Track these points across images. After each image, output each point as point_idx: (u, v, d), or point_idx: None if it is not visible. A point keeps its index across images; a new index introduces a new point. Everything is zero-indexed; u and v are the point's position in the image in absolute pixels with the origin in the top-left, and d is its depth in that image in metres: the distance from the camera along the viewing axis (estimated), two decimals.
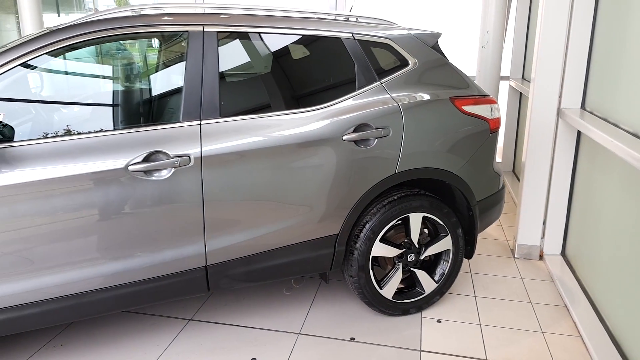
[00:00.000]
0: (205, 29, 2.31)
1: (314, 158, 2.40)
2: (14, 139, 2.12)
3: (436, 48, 2.78)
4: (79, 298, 2.19)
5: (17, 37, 10.31)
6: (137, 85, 3.16)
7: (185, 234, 2.27)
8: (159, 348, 2.57)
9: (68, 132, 2.22)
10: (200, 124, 2.23)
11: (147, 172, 2.14)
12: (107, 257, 2.18)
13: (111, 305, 2.30)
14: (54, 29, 2.21)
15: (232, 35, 2.46)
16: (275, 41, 2.55)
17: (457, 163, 2.67)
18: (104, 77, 3.32)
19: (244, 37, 2.50)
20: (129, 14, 2.34)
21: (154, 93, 2.91)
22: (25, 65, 2.13)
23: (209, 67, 2.28)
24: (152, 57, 3.42)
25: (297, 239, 2.47)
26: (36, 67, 2.28)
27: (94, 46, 2.60)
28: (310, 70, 2.66)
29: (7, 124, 2.20)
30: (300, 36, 2.54)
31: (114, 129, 2.42)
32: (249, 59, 2.68)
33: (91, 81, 3.28)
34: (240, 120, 2.31)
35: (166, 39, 2.99)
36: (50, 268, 2.11)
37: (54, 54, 2.18)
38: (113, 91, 3.11)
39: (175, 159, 2.16)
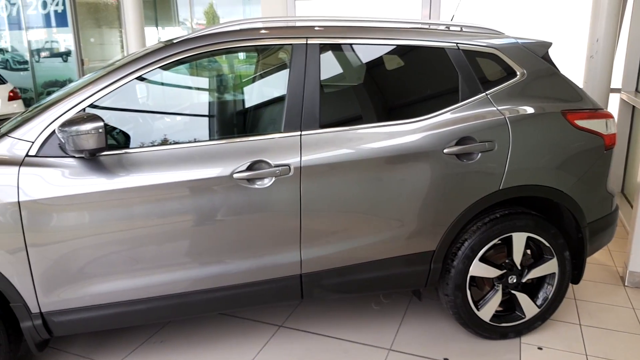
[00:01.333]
0: (308, 42, 2.33)
1: (413, 171, 2.34)
2: (129, 146, 2.28)
3: (546, 58, 2.62)
4: (182, 298, 2.28)
5: (120, 50, 11.13)
6: (240, 97, 3.27)
7: (283, 241, 2.30)
8: (252, 351, 2.62)
9: (177, 141, 2.33)
10: (301, 135, 2.26)
11: (250, 180, 2.19)
12: (208, 260, 2.26)
13: (210, 306, 2.38)
14: (168, 43, 2.34)
15: (333, 47, 2.47)
16: (376, 52, 2.53)
17: (568, 181, 2.50)
18: (207, 89, 3.47)
19: (345, 48, 2.50)
20: (236, 28, 2.43)
21: (255, 104, 3.00)
22: (140, 78, 2.26)
23: (311, 79, 2.31)
24: (251, 70, 3.53)
25: (392, 253, 2.42)
26: (148, 79, 2.41)
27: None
28: (410, 81, 2.61)
29: (122, 131, 2.36)
30: (400, 46, 2.50)
31: (220, 138, 2.53)
32: (347, 70, 2.68)
33: (195, 92, 3.45)
34: (339, 132, 2.31)
35: (264, 51, 3.08)
36: (158, 268, 2.22)
37: (166, 67, 2.30)
38: (216, 102, 3.24)
39: (276, 168, 2.20)
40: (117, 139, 2.32)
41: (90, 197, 2.08)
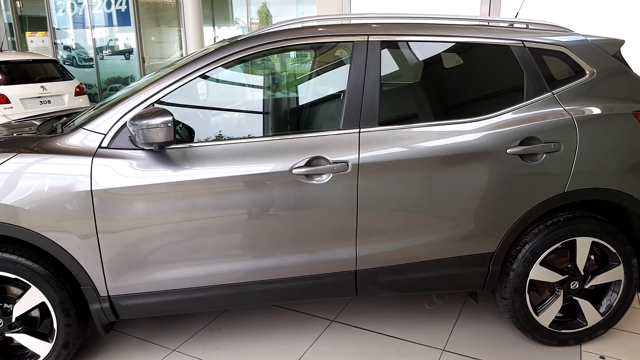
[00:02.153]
0: (369, 39, 2.34)
1: (473, 171, 2.30)
2: (193, 140, 2.36)
3: (618, 57, 2.51)
4: (239, 288, 2.35)
5: (178, 48, 11.45)
6: (298, 93, 3.32)
7: (339, 237, 2.32)
8: (304, 344, 2.66)
9: (238, 136, 2.39)
10: (360, 132, 2.27)
11: (308, 175, 2.22)
12: (265, 253, 2.31)
13: (266, 297, 2.44)
14: (230, 42, 2.39)
15: (394, 44, 2.46)
16: (437, 49, 2.51)
17: (638, 185, 2.39)
18: (266, 86, 3.54)
19: (406, 46, 2.49)
20: (298, 26, 2.47)
21: (313, 100, 3.04)
22: (204, 76, 2.33)
23: (371, 76, 2.31)
24: (308, 67, 3.57)
25: (450, 253, 2.39)
26: (210, 77, 2.48)
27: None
28: (471, 79, 2.57)
29: (186, 126, 2.45)
30: (462, 44, 2.46)
31: (280, 134, 2.57)
32: (407, 68, 2.67)
33: (254, 89, 3.53)
34: (398, 130, 2.31)
35: (321, 49, 3.10)
36: (217, 258, 2.29)
37: (228, 65, 2.36)
38: (275, 99, 3.31)
39: (334, 164, 2.22)
40: (181, 133, 2.40)
41: (157, 188, 2.17)
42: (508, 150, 2.28)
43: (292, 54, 4.12)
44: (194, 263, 2.28)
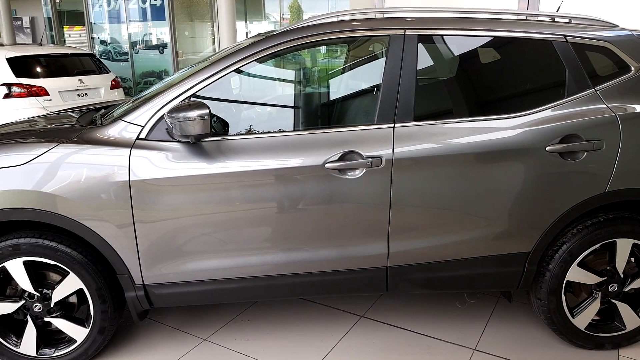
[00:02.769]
0: (406, 33, 2.31)
1: (510, 168, 2.26)
2: (227, 133, 2.38)
3: None
4: (270, 280, 2.36)
5: (211, 43, 11.55)
6: (331, 87, 3.31)
7: (371, 233, 2.30)
8: (333, 339, 2.66)
9: (271, 130, 2.40)
10: (394, 127, 2.25)
11: (341, 170, 2.22)
12: (296, 246, 2.31)
13: (296, 290, 2.46)
14: (265, 36, 2.39)
15: (431, 39, 2.42)
16: (475, 43, 2.46)
17: None
18: (298, 80, 3.54)
19: (443, 40, 2.45)
20: (333, 20, 2.46)
21: (346, 94, 3.02)
22: (238, 70, 2.35)
23: (407, 71, 2.28)
24: (341, 61, 3.56)
25: (484, 252, 2.36)
26: (243, 71, 2.49)
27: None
28: (509, 74, 2.51)
29: (221, 119, 2.47)
30: (501, 38, 2.40)
31: (313, 128, 2.57)
32: (444, 62, 2.63)
33: (287, 84, 3.53)
34: (433, 125, 2.28)
35: (355, 43, 3.08)
36: (249, 250, 2.31)
37: (263, 60, 2.36)
38: (308, 93, 3.31)
39: (368, 159, 2.21)
40: (215, 126, 2.43)
41: (192, 180, 2.20)
42: (547, 148, 2.23)
43: (323, 48, 4.12)
44: (226, 254, 2.31)
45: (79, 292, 2.35)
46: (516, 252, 2.35)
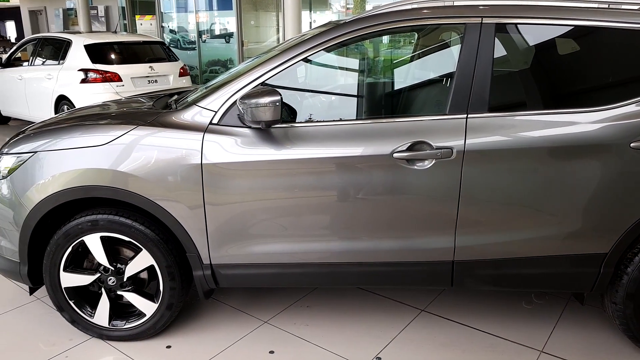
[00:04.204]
0: (483, 21, 2.24)
1: (588, 165, 2.15)
2: (295, 121, 2.40)
3: None
4: (334, 267, 2.38)
5: (275, 33, 11.66)
6: (400, 76, 3.27)
7: (437, 225, 2.26)
8: (393, 330, 2.65)
9: (339, 118, 2.39)
10: (467, 118, 2.19)
11: (409, 160, 2.18)
12: (360, 235, 2.31)
13: (359, 279, 2.47)
14: (334, 25, 2.38)
15: (509, 27, 2.33)
16: (556, 33, 2.34)
17: None
18: (366, 69, 3.51)
19: (521, 29, 2.35)
20: (408, 7, 2.41)
21: (416, 83, 2.97)
22: (307, 59, 2.35)
23: (482, 60, 2.20)
24: (405, 50, 3.50)
25: (557, 251, 2.26)
26: (312, 60, 2.48)
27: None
28: (590, 66, 2.38)
29: (288, 107, 2.49)
30: (584, 27, 2.27)
31: (381, 117, 2.55)
32: (520, 52, 2.53)
33: (354, 72, 3.52)
34: (508, 117, 2.20)
35: (424, 31, 3.02)
36: (313, 236, 2.33)
37: (330, 49, 2.34)
38: (376, 81, 3.28)
39: (437, 150, 2.16)
40: (283, 114, 2.44)
41: (260, 165, 2.24)
42: (632, 145, 2.10)
43: (386, 38, 4.07)
44: (290, 239, 2.34)
45: (150, 269, 2.46)
46: (592, 252, 2.24)
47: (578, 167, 2.16)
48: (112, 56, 7.10)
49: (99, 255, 2.44)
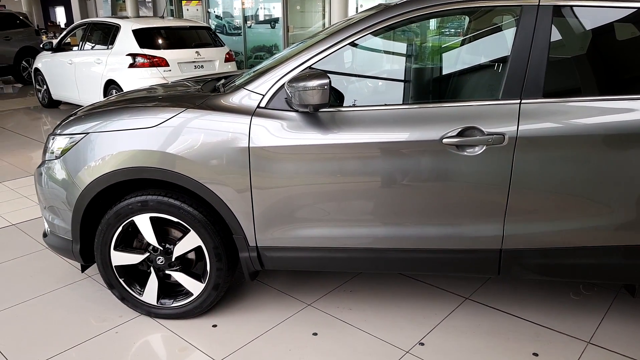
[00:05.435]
0: (540, 3, 2.16)
1: None
2: (343, 105, 2.39)
3: None
4: (378, 253, 2.38)
5: (321, 18, 11.57)
6: (450, 60, 3.20)
7: (486, 213, 2.23)
8: (436, 317, 2.63)
9: (387, 102, 2.37)
10: (520, 103, 2.13)
11: (459, 146, 2.15)
12: (407, 221, 2.29)
13: (404, 266, 2.46)
14: (383, 8, 2.34)
15: (567, 11, 2.24)
16: (611, 16, 2.23)
17: None
18: (415, 53, 3.46)
19: (579, 12, 2.25)
20: None
21: (467, 67, 2.91)
22: (353, 43, 2.33)
23: (539, 44, 2.13)
24: (453, 34, 3.41)
25: (609, 241, 2.19)
26: (358, 44, 2.46)
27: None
28: None
29: (336, 90, 2.48)
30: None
31: (430, 102, 2.50)
32: (578, 36, 2.42)
33: (403, 56, 3.46)
34: (564, 103, 2.12)
35: (476, 14, 2.93)
36: (359, 221, 2.33)
37: (378, 32, 2.31)
38: (425, 66, 3.22)
39: (489, 136, 2.12)
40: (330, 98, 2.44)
41: (306, 149, 2.25)
42: None
43: (434, 21, 3.97)
44: (335, 224, 2.34)
45: (198, 249, 2.52)
46: None
47: (632, 155, 2.08)
48: (160, 41, 7.24)
49: (148, 235, 2.52)
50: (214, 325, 2.60)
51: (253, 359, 2.35)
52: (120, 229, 2.52)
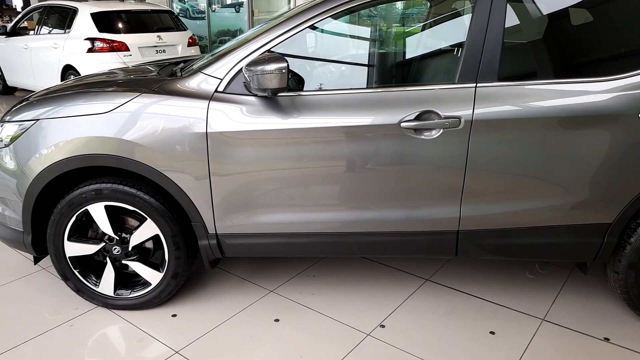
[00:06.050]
0: None
1: (596, 135, 2.11)
2: (303, 89, 2.36)
3: None
4: (338, 237, 2.38)
5: (287, 3, 11.41)
6: (409, 45, 3.21)
7: (443, 195, 2.26)
8: (397, 299, 2.67)
9: (346, 87, 2.36)
10: (476, 87, 2.15)
11: (417, 130, 2.16)
12: (365, 205, 2.30)
13: (364, 249, 2.48)
14: None
15: None
16: (568, 1, 2.28)
17: None
18: (374, 38, 3.45)
19: None
20: None
21: (425, 52, 2.92)
22: (313, 27, 2.30)
23: (493, 29, 2.15)
24: (419, 18, 3.42)
25: (561, 221, 2.25)
26: (318, 27, 2.43)
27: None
28: (601, 35, 2.32)
29: (296, 75, 2.46)
30: None
31: (389, 86, 2.51)
32: (529, 21, 2.47)
33: (362, 41, 3.46)
34: (518, 86, 2.16)
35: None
36: (318, 206, 2.33)
37: (337, 16, 2.29)
38: (384, 50, 3.22)
39: (445, 120, 2.14)
40: (290, 82, 2.42)
41: (266, 134, 2.22)
42: None
43: (400, 5, 3.98)
44: (295, 209, 2.34)
45: (155, 238, 2.47)
46: (596, 222, 2.23)
47: (585, 137, 2.13)
48: (120, 25, 7.03)
49: (104, 224, 2.46)
50: (174, 315, 2.57)
51: (213, 348, 2.33)
52: (74, 218, 2.45)
